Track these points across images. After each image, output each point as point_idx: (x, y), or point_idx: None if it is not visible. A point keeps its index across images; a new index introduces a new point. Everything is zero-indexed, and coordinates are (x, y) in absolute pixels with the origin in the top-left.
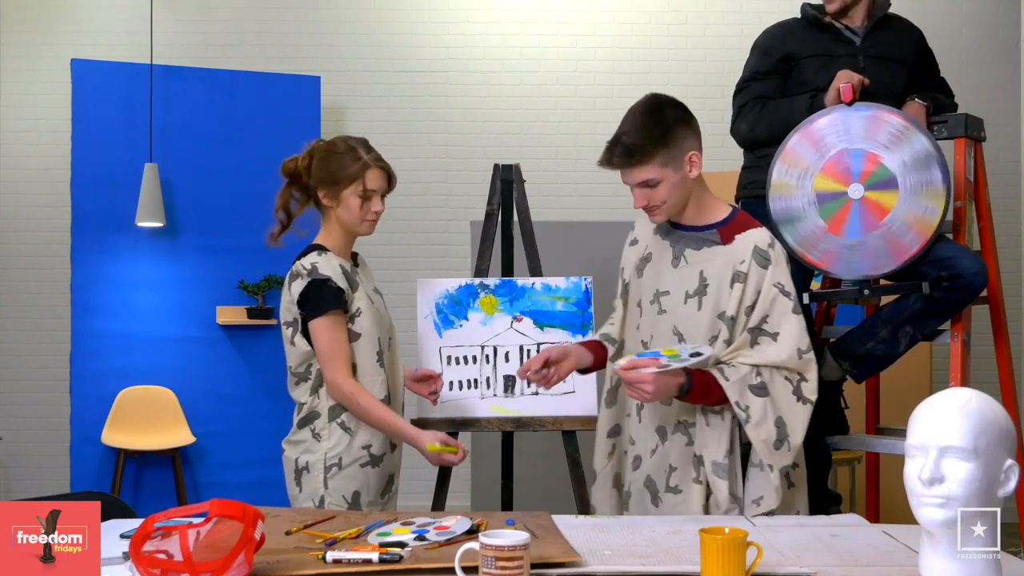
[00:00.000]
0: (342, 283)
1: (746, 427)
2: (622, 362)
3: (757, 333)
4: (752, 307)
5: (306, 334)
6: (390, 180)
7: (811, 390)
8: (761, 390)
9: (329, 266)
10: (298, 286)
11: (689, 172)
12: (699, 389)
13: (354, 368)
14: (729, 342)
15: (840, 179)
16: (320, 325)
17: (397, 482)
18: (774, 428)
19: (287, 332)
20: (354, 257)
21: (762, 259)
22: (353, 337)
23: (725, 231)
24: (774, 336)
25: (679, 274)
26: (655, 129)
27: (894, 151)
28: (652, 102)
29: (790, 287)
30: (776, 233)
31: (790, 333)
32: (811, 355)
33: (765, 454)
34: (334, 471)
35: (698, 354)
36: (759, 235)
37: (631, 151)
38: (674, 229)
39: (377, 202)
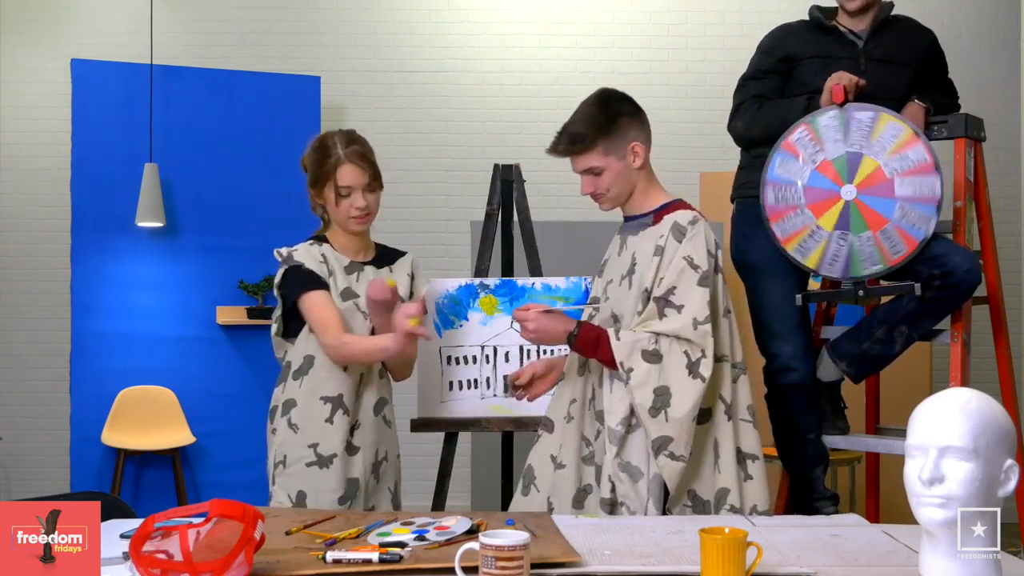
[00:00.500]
0: (319, 268)
1: (626, 387)
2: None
3: (663, 304)
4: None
5: (284, 323)
6: (368, 174)
7: (708, 366)
8: (653, 356)
9: (307, 254)
10: (279, 274)
11: (632, 162)
12: (587, 340)
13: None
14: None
15: (834, 179)
16: (304, 303)
17: (363, 489)
18: (652, 394)
19: (275, 326)
20: (384, 259)
21: (679, 233)
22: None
23: (659, 214)
24: (679, 308)
25: (620, 261)
26: (599, 119)
27: (884, 151)
28: (600, 95)
29: (701, 261)
30: (767, 228)
31: (693, 304)
32: (708, 327)
33: (642, 417)
34: (280, 468)
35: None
36: (682, 214)
37: (574, 139)
38: (625, 222)
39: (358, 198)
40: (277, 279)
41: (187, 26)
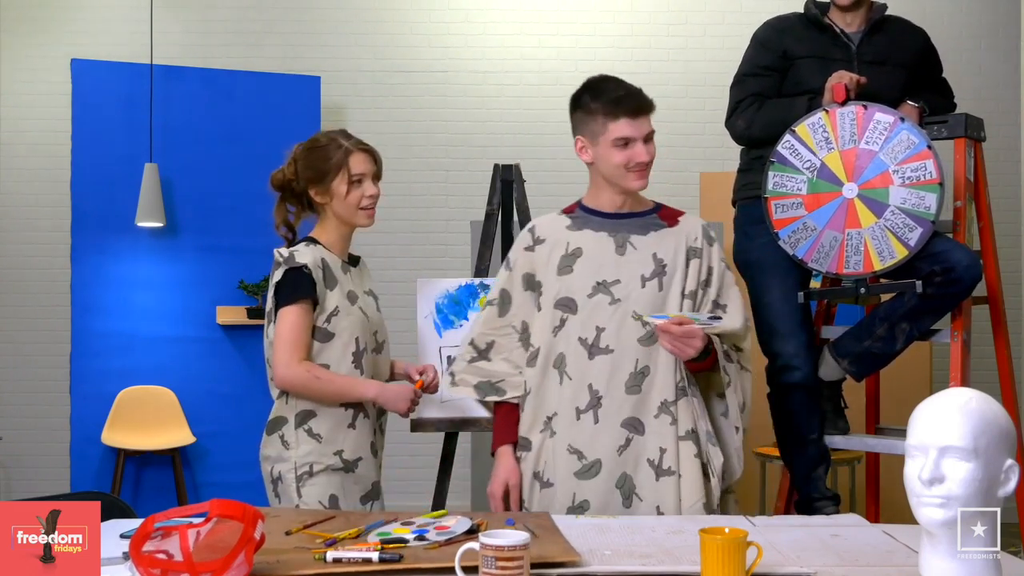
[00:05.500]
0: (317, 274)
1: (727, 391)
2: (667, 319)
3: (714, 306)
4: (707, 281)
5: None
6: (377, 163)
7: (747, 359)
8: (727, 357)
9: (309, 254)
10: (276, 275)
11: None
12: (712, 354)
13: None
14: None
15: (847, 170)
16: (287, 312)
17: (382, 492)
18: (742, 392)
19: (267, 326)
20: (354, 259)
21: (709, 237)
22: (326, 337)
23: (663, 215)
24: (725, 308)
25: (628, 260)
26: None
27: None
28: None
29: (728, 260)
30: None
31: (737, 303)
32: (751, 323)
33: (736, 417)
34: (305, 479)
35: (717, 317)
36: (697, 217)
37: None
38: (608, 219)
39: (369, 186)
40: (276, 278)
41: (187, 26)
